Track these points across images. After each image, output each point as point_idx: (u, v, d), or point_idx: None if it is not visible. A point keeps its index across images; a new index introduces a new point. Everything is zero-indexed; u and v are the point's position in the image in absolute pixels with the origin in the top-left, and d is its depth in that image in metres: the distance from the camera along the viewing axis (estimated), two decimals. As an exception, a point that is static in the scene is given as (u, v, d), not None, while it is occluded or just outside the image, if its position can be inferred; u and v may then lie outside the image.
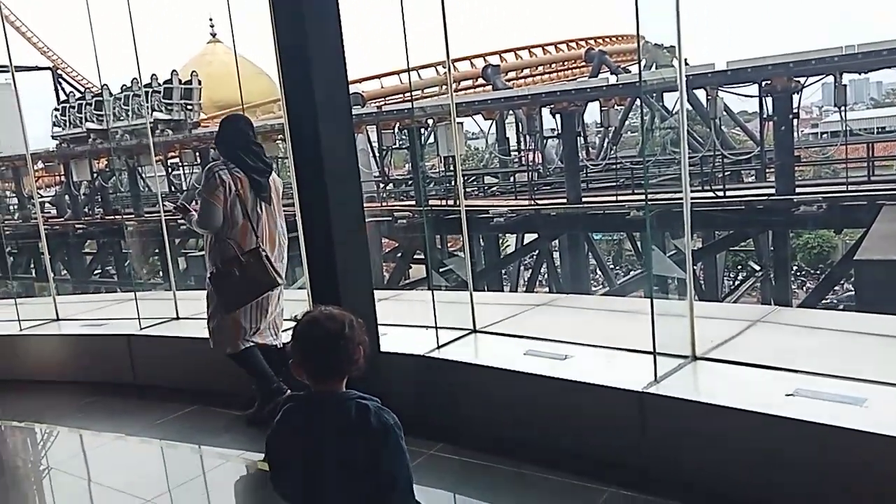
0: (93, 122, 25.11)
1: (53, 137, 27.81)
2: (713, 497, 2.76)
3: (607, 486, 2.94)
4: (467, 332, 4.14)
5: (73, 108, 26.26)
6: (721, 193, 13.75)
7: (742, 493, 2.72)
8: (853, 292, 15.10)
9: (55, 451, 4.36)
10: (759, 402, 2.74)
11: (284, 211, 4.15)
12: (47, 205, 26.93)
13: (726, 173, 15.70)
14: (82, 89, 34.89)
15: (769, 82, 12.97)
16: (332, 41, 3.37)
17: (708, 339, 3.49)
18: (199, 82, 24.26)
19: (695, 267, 19.09)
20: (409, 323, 4.40)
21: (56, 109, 27.68)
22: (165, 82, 23.64)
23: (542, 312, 4.67)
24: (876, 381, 2.77)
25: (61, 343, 5.52)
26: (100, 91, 24.78)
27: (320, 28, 3.31)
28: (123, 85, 24.28)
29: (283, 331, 4.16)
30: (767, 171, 15.50)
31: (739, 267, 26.56)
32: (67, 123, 26.33)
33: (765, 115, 13.99)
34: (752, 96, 14.34)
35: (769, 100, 13.34)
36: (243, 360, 4.01)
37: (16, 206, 28.49)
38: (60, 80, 39.02)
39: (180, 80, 23.85)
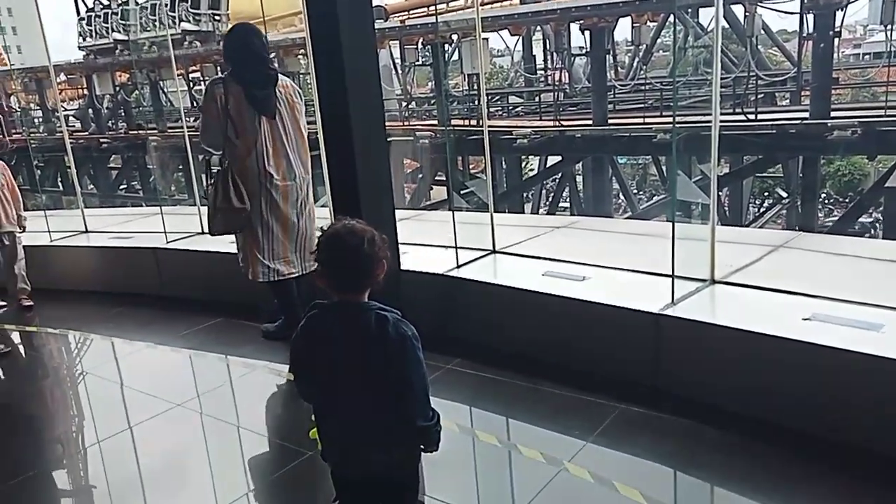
0: (119, 32, 24.38)
1: (80, 48, 27.30)
2: (724, 416, 2.82)
3: (619, 403, 3.01)
4: (487, 252, 4.18)
5: (99, 17, 25.43)
6: (752, 116, 13.31)
7: (753, 413, 2.78)
8: (882, 220, 14.82)
9: (88, 356, 4.55)
10: (774, 325, 2.76)
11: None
12: (71, 118, 26.99)
13: (760, 95, 15.15)
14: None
15: (812, -3, 12.29)
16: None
17: (728, 264, 3.48)
18: None
19: (720, 193, 18.78)
20: (429, 242, 4.44)
21: (82, 19, 26.90)
22: None
23: (562, 234, 4.68)
24: (894, 308, 2.76)
25: (90, 254, 5.67)
26: (126, 0, 24.05)
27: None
28: None
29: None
30: (803, 93, 14.93)
31: (766, 193, 26.08)
32: (94, 34, 25.64)
33: (804, 34, 13.35)
34: (792, 13, 13.66)
35: (810, 17, 12.68)
36: (269, 289, 4.05)
37: (41, 119, 28.63)
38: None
39: None
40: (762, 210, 23.93)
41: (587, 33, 16.00)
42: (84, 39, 26.16)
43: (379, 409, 1.84)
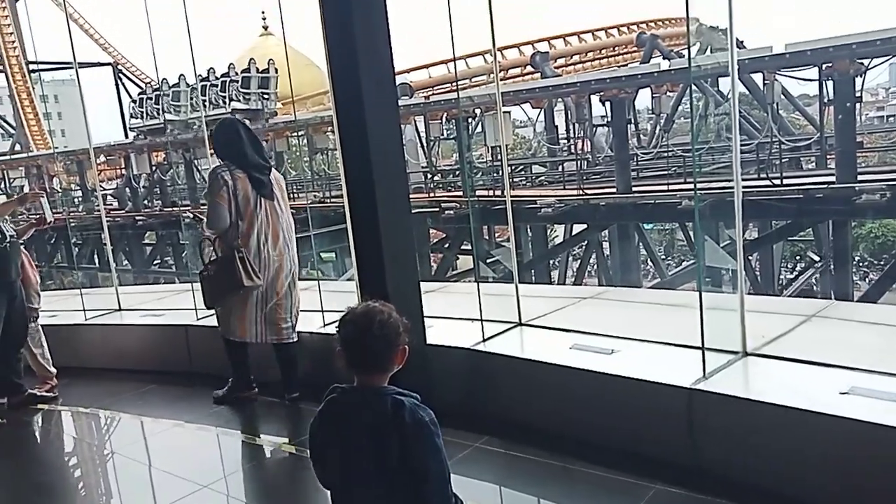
0: (170, 112, 25.16)
1: (131, 129, 28.34)
2: (762, 496, 2.71)
3: (654, 482, 2.91)
4: (513, 325, 4.15)
5: (151, 99, 26.27)
6: (778, 181, 13.30)
7: (792, 492, 2.66)
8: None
9: (117, 435, 4.56)
10: (811, 399, 2.68)
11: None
12: (109, 197, 27.97)
13: (784, 160, 15.18)
14: (143, 85, 35.99)
15: (830, 65, 12.46)
16: (379, 32, 3.41)
17: (760, 335, 3.41)
18: (276, 70, 23.98)
19: (750, 258, 18.57)
20: (455, 315, 4.43)
21: (133, 101, 27.99)
22: (243, 71, 23.59)
23: (589, 305, 4.64)
24: (939, 381, 2.67)
25: (123, 332, 5.76)
26: (177, 83, 24.89)
27: (367, 19, 3.35)
28: (199, 75, 24.39)
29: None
30: (828, 157, 14.93)
31: (798, 258, 25.72)
32: (145, 115, 26.46)
33: (825, 100, 13.46)
34: (811, 80, 13.82)
35: (830, 83, 12.82)
36: (232, 350, 4.38)
37: (80, 199, 29.70)
38: (121, 75, 40.42)
39: (258, 69, 23.54)
40: (795, 275, 23.56)
41: (608, 104, 16.34)
42: (137, 119, 27.05)
43: (395, 499, 1.80)
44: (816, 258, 20.93)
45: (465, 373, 3.83)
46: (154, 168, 25.80)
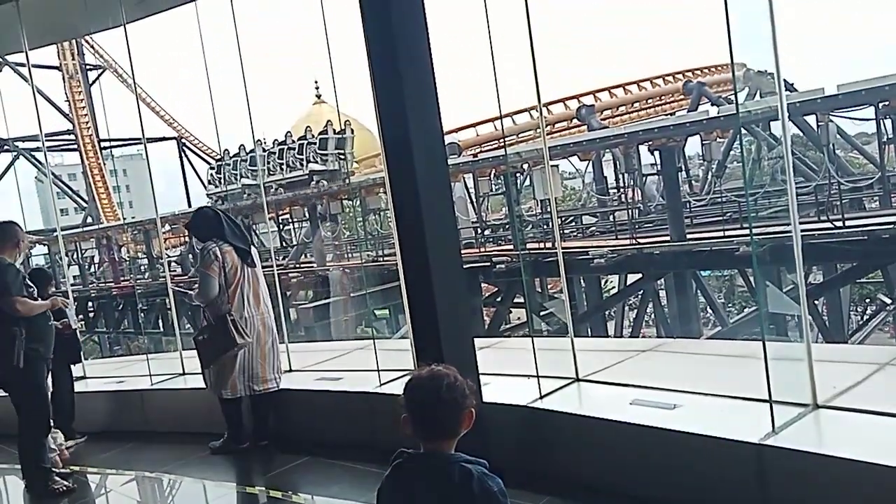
0: (248, 177, 25.89)
1: (209, 196, 29.40)
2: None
3: (725, 545, 2.78)
4: (570, 380, 4.09)
5: (228, 165, 27.06)
6: (840, 223, 12.86)
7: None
8: None
9: (179, 499, 4.63)
10: (890, 453, 2.53)
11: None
12: (173, 264, 29.05)
13: (845, 201, 14.70)
14: (205, 156, 37.76)
15: (886, 103, 12.16)
16: (427, 93, 3.53)
17: (831, 385, 3.27)
18: (353, 132, 24.55)
19: (816, 303, 17.85)
20: (510, 372, 4.40)
21: (211, 168, 28.94)
22: (321, 133, 24.18)
23: (649, 359, 4.54)
24: None
25: (187, 397, 5.90)
26: (253, 148, 25.92)
27: (416, 81, 3.47)
28: (275, 140, 24.85)
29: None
30: (892, 196, 14.41)
31: (867, 300, 24.56)
32: (222, 181, 27.30)
33: (884, 139, 13.09)
34: (867, 119, 13.50)
35: (888, 121, 12.49)
36: (224, 406, 4.87)
37: (146, 267, 30.94)
38: (185, 148, 42.60)
39: (335, 131, 23.94)
40: (866, 318, 22.48)
41: (657, 153, 16.27)
42: (214, 186, 27.91)
43: None
44: (888, 300, 19.96)
45: (523, 431, 3.77)
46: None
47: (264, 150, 24.81)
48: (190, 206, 33.47)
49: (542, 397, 3.87)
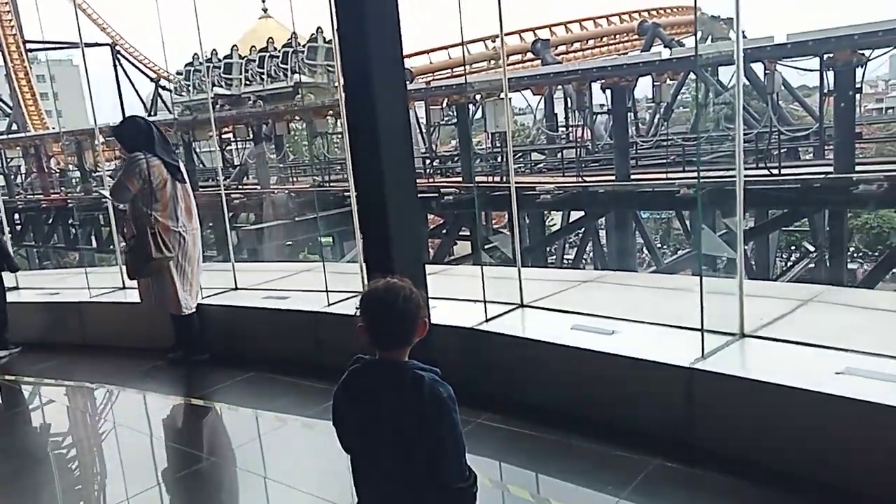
0: (221, 86, 23.59)
1: (175, 105, 27.01)
2: (758, 471, 2.79)
3: (653, 457, 3.00)
4: (515, 306, 4.22)
5: (199, 72, 24.49)
6: (776, 171, 13.36)
7: (788, 468, 2.75)
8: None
9: (122, 410, 4.63)
10: (807, 379, 2.76)
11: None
12: (108, 178, 27.85)
13: (783, 150, 15.21)
14: (143, 68, 35.65)
15: (831, 56, 12.47)
16: (389, 14, 3.44)
17: (758, 318, 3.49)
18: None
19: (746, 247, 18.67)
20: (457, 297, 4.50)
21: (178, 74, 26.24)
22: (310, 40, 22.06)
23: (590, 288, 4.72)
24: (928, 362, 2.75)
25: (127, 310, 5.80)
26: (229, 54, 23.09)
27: (377, 3, 3.37)
28: (252, 47, 22.32)
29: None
30: (826, 148, 14.98)
31: (793, 248, 25.83)
32: (191, 89, 24.82)
33: (825, 91, 13.49)
34: (812, 70, 13.85)
35: (830, 74, 12.85)
36: (184, 322, 4.90)
37: (78, 180, 29.61)
38: (119, 56, 40.15)
39: (324, 39, 21.79)
40: (790, 264, 23.66)
41: (608, 92, 16.33)
42: (182, 95, 25.39)
43: (412, 467, 1.85)
44: (812, 248, 21.05)
45: (468, 352, 3.90)
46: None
47: (241, 57, 22.92)
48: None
49: (487, 321, 3.99)
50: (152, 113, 36.73)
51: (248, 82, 22.99)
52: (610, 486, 2.84)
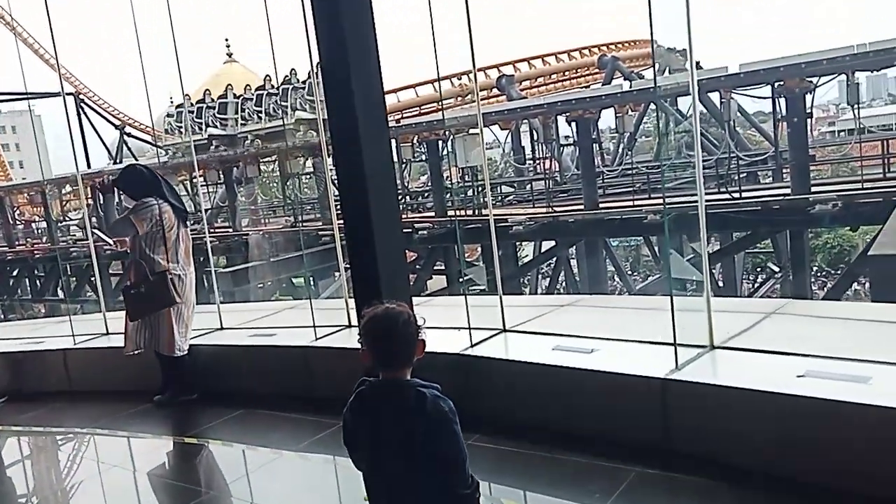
0: (216, 126, 23.22)
1: (165, 147, 25.83)
2: (734, 472, 2.99)
3: (634, 466, 3.18)
4: (497, 331, 4.41)
5: (192, 112, 24.12)
6: (737, 195, 13.89)
7: (760, 466, 2.95)
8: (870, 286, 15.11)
9: (116, 453, 4.67)
10: (772, 383, 2.98)
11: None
12: (73, 228, 27.55)
13: (742, 175, 15.82)
14: (108, 116, 35.51)
15: (782, 83, 13.14)
16: (371, 60, 3.66)
17: (725, 331, 3.72)
18: None
19: (713, 270, 19.20)
20: (441, 325, 4.66)
21: (169, 116, 25.81)
22: (308, 78, 21.54)
23: (568, 312, 4.93)
24: (879, 362, 3.00)
25: (112, 355, 5.83)
26: (223, 93, 22.60)
27: (358, 40, 3.59)
28: (247, 86, 21.95)
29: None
30: (783, 171, 15.62)
31: (759, 269, 26.53)
32: (184, 130, 24.28)
33: (779, 116, 14.15)
34: (765, 97, 14.51)
35: (782, 100, 13.50)
36: (177, 363, 4.94)
37: (42, 230, 29.21)
38: (83, 104, 39.96)
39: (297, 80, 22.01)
40: (756, 286, 24.27)
41: (573, 124, 16.87)
42: (173, 136, 24.67)
43: (419, 478, 2.00)
44: (776, 269, 21.68)
45: (455, 376, 4.04)
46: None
47: (236, 97, 22.59)
48: (89, 166, 31.48)
49: (472, 346, 4.17)
50: (118, 160, 36.56)
51: (243, 122, 22.81)
52: (596, 495, 3.01)
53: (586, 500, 3.01)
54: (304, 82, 22.08)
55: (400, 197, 20.61)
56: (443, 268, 20.01)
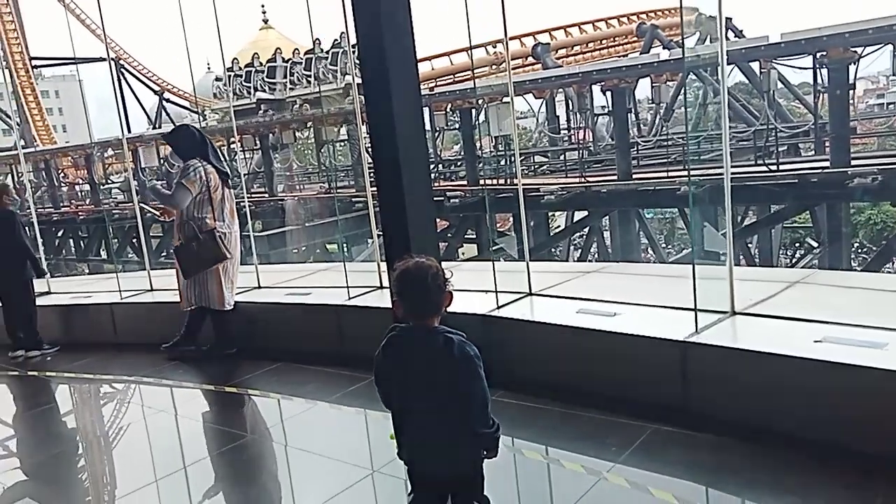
0: (265, 91, 22.77)
1: (213, 111, 26.31)
2: (747, 430, 3.10)
3: (652, 423, 3.31)
4: (524, 294, 4.54)
5: (240, 76, 23.67)
6: (775, 167, 13.66)
7: (773, 425, 3.06)
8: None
9: (162, 399, 4.97)
10: (789, 347, 3.07)
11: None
12: (115, 190, 28.28)
13: (784, 147, 15.51)
14: (148, 82, 36.06)
15: (824, 53, 12.79)
16: (403, 22, 3.77)
17: (749, 298, 3.80)
18: None
19: (749, 243, 18.96)
20: (469, 288, 4.82)
21: (218, 79, 25.75)
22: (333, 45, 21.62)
23: (593, 278, 5.04)
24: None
25: (157, 310, 6.13)
26: (273, 57, 22.12)
27: (393, 15, 3.70)
28: (295, 49, 21.65)
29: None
30: (825, 143, 15.28)
31: (797, 245, 26.06)
32: (231, 94, 23.78)
33: (820, 87, 13.81)
34: (805, 68, 14.15)
35: (824, 71, 13.16)
36: (224, 318, 5.21)
37: (86, 193, 30.04)
38: (123, 70, 40.61)
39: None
40: (794, 261, 23.88)
41: (609, 94, 16.68)
42: (221, 100, 24.44)
43: (445, 416, 2.17)
44: (815, 244, 21.27)
45: (481, 336, 4.16)
46: (163, 160, 26.08)
47: (285, 61, 22.10)
48: (129, 131, 32.16)
49: (499, 307, 4.31)
50: (157, 125, 37.25)
51: (292, 86, 22.66)
52: (613, 448, 3.15)
53: (603, 453, 3.15)
54: (353, 46, 22.07)
55: (432, 165, 20.77)
56: (474, 236, 20.12)
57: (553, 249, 22.31)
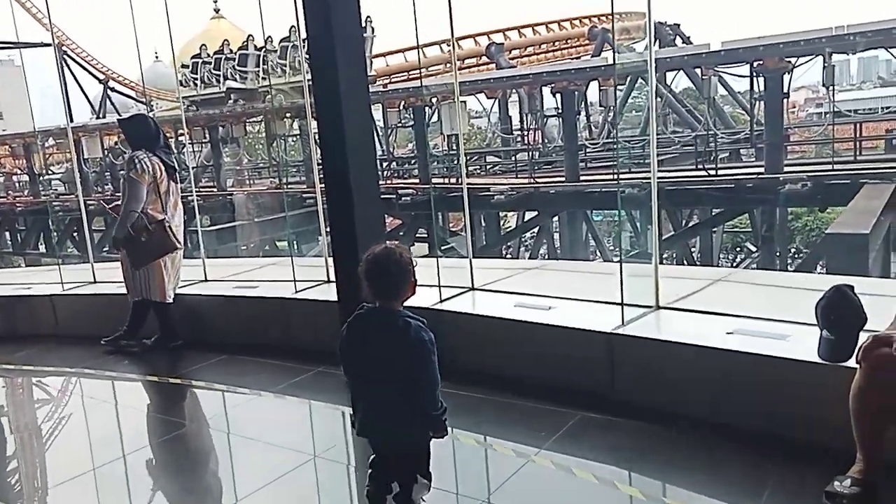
0: (234, 80, 22.11)
1: (184, 98, 25.27)
2: (670, 416, 3.33)
3: (580, 410, 3.52)
4: (466, 289, 4.72)
5: (209, 64, 23.00)
6: (713, 172, 14.24)
7: (691, 411, 3.30)
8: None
9: (104, 390, 4.96)
10: (705, 338, 3.33)
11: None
12: (56, 182, 27.41)
13: (726, 153, 16.14)
14: (91, 69, 34.99)
15: (760, 62, 13.40)
16: (353, 23, 3.89)
17: (674, 294, 4.06)
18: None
19: (694, 250, 19.68)
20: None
21: (185, 66, 24.33)
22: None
23: (532, 274, 5.26)
24: (797, 322, 3.34)
25: (100, 302, 6.09)
26: (244, 44, 21.38)
27: (343, 12, 3.82)
28: (268, 37, 20.96)
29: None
30: (758, 149, 15.98)
31: (738, 249, 27.07)
32: (199, 83, 23.20)
33: (756, 95, 14.45)
34: (744, 76, 14.78)
35: (761, 80, 13.78)
36: (165, 310, 5.22)
37: (24, 183, 29.03)
38: (66, 57, 39.22)
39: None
40: (734, 264, 24.80)
41: (558, 96, 17.06)
42: (188, 88, 23.50)
43: (397, 395, 2.35)
44: (754, 249, 22.20)
45: (423, 328, 4.36)
46: (106, 151, 25.43)
47: (257, 49, 21.17)
48: (71, 120, 31.14)
49: (441, 301, 4.48)
50: (100, 115, 36.10)
51: (264, 77, 21.85)
52: (542, 434, 3.35)
53: (532, 439, 3.34)
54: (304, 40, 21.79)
55: (385, 163, 20.84)
56: (425, 235, 20.29)
57: (504, 249, 22.68)
